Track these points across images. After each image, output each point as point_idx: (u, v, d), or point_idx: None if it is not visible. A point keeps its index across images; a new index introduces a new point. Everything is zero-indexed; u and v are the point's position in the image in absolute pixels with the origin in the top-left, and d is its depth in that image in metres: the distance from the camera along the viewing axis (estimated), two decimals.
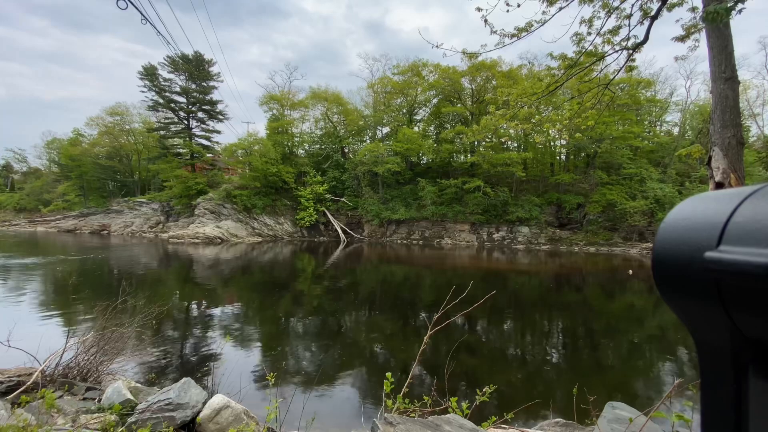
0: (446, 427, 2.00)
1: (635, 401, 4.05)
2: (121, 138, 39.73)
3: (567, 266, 16.85)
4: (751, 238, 0.23)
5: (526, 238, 25.25)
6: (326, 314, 8.22)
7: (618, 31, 5.32)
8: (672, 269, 0.28)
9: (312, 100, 31.59)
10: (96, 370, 2.92)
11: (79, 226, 34.34)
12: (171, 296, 9.33)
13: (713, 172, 3.85)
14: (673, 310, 0.30)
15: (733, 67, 3.90)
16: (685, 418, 1.45)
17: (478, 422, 2.43)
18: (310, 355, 5.74)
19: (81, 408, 2.25)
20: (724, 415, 0.27)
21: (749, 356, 0.26)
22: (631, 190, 24.43)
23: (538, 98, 6.54)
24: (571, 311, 9.05)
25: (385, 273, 14.62)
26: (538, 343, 6.67)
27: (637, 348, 6.48)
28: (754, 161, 21.70)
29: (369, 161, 26.75)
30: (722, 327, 0.26)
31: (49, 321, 6.60)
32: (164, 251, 20.05)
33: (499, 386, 3.09)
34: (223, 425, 2.28)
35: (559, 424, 2.71)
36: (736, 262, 0.23)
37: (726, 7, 3.29)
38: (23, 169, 52.25)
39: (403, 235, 27.37)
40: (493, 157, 25.80)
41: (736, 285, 0.23)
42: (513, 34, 5.42)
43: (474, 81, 29.50)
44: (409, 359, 5.31)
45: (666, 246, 0.29)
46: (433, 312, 3.02)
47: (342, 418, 3.70)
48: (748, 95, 26.14)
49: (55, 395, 2.17)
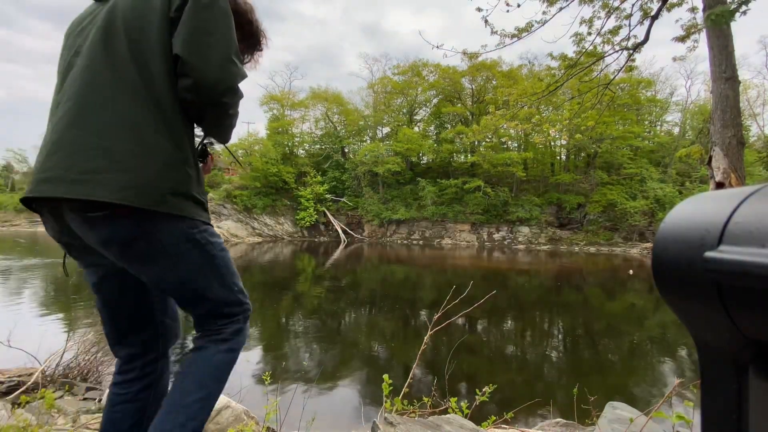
0: (446, 427, 2.00)
1: (636, 401, 4.05)
2: None
3: (567, 266, 16.84)
4: (752, 238, 0.23)
5: (527, 238, 25.24)
6: (326, 314, 8.22)
7: (618, 31, 5.32)
8: (672, 269, 0.28)
9: (312, 100, 31.59)
10: (96, 370, 2.92)
11: None
12: None
13: (713, 172, 3.85)
14: (673, 310, 0.30)
15: (734, 66, 3.89)
16: (686, 419, 1.45)
17: (479, 422, 2.42)
18: (311, 355, 5.74)
19: (81, 408, 2.25)
20: (725, 416, 0.27)
21: (749, 357, 0.26)
22: (631, 190, 24.41)
23: (538, 98, 6.54)
24: (572, 311, 9.05)
25: (385, 273, 14.62)
26: (538, 343, 6.67)
27: (638, 348, 6.48)
28: (754, 161, 21.70)
29: (369, 161, 26.74)
30: (722, 327, 0.26)
31: (50, 321, 6.60)
32: None
33: (499, 386, 3.09)
34: (224, 425, 2.28)
35: (559, 424, 2.71)
36: (737, 262, 0.23)
37: (730, 10, 3.28)
38: (24, 169, 52.24)
39: (404, 235, 27.37)
40: (493, 157, 25.79)
41: (737, 285, 0.23)
42: (513, 35, 5.42)
43: (474, 81, 29.48)
44: (410, 359, 5.31)
45: (666, 246, 0.29)
46: (433, 312, 3.02)
47: (342, 418, 3.70)
48: (748, 95, 26.12)
49: (55, 395, 2.17)
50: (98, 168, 0.83)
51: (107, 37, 0.91)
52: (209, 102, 0.93)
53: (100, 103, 0.87)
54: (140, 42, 0.91)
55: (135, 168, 0.85)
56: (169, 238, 0.90)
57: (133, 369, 1.07)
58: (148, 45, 0.91)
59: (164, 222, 0.89)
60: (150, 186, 0.85)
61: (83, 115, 0.87)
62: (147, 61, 0.90)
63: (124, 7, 0.93)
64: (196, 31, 0.91)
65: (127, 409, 1.05)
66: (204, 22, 0.93)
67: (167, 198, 0.87)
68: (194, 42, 0.90)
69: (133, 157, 0.85)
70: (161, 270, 0.94)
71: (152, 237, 0.88)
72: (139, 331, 1.08)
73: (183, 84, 0.92)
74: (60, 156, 0.85)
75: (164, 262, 0.92)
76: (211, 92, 0.92)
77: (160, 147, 0.88)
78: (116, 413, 1.05)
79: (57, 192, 0.83)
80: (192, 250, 0.94)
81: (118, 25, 0.92)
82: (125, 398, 1.05)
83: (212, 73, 0.91)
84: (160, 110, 0.90)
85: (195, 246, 0.94)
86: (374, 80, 32.65)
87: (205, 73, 0.90)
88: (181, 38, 0.90)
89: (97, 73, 0.89)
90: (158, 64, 0.91)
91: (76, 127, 0.86)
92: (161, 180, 0.87)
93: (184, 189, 0.91)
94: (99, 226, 0.85)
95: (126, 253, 0.89)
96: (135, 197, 0.83)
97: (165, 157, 0.88)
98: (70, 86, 0.91)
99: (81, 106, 0.87)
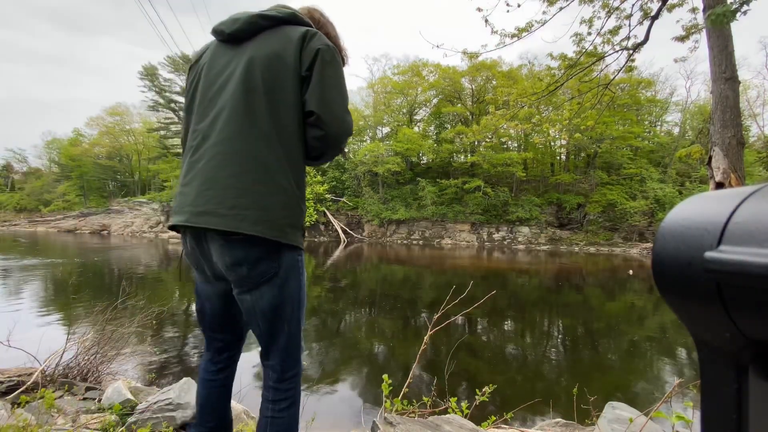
0: (446, 427, 2.00)
1: (635, 401, 4.05)
2: (122, 138, 39.74)
3: (567, 266, 16.85)
4: (752, 238, 0.23)
5: (526, 238, 25.25)
6: (326, 314, 8.23)
7: (618, 31, 5.33)
8: (672, 269, 0.28)
9: None
10: (96, 370, 2.91)
11: (79, 226, 34.35)
12: (171, 296, 9.33)
13: (713, 172, 3.85)
14: (673, 310, 0.30)
15: (734, 67, 3.89)
16: (686, 419, 1.45)
17: (478, 422, 2.42)
18: (311, 354, 5.74)
19: (81, 408, 2.25)
20: (725, 416, 0.27)
21: (750, 357, 0.26)
22: (631, 190, 24.42)
23: (538, 98, 6.54)
24: (572, 311, 9.05)
25: (385, 273, 14.63)
26: (538, 343, 6.67)
27: (638, 348, 6.48)
28: (754, 161, 21.69)
29: (369, 161, 26.74)
30: (722, 327, 0.26)
31: (49, 321, 6.60)
32: (164, 251, 20.07)
33: (499, 386, 3.10)
34: None
35: (559, 424, 2.71)
36: (737, 262, 0.23)
37: (731, 10, 3.28)
38: (23, 169, 52.25)
39: (403, 235, 27.37)
40: (493, 157, 25.80)
41: (737, 285, 0.23)
42: (513, 35, 5.42)
43: (474, 81, 29.49)
44: (409, 359, 5.31)
45: (666, 246, 0.29)
46: (433, 312, 3.02)
47: (342, 418, 3.70)
48: (748, 95, 26.13)
49: (55, 395, 2.17)
50: (241, 205, 1.03)
51: (248, 93, 1.09)
52: (333, 147, 1.15)
53: (244, 151, 1.06)
54: (276, 98, 1.09)
55: (267, 206, 1.05)
56: (286, 261, 1.12)
57: (221, 360, 1.33)
58: (284, 101, 1.10)
59: (285, 249, 1.10)
60: (276, 221, 1.06)
61: (230, 160, 1.06)
62: (281, 114, 1.09)
63: (261, 65, 1.10)
64: (327, 89, 1.10)
65: (219, 392, 1.32)
66: (329, 78, 1.11)
67: (286, 230, 1.08)
68: (325, 100, 1.10)
69: (265, 197, 1.05)
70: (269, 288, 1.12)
71: (274, 260, 1.10)
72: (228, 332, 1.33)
73: (314, 134, 1.12)
74: (211, 193, 1.05)
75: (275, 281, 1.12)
76: (335, 140, 1.13)
77: (284, 188, 1.08)
78: (213, 394, 1.32)
79: (210, 224, 1.04)
80: (294, 274, 1.16)
81: (257, 83, 1.09)
82: (217, 384, 1.32)
83: (337, 126, 1.11)
84: (288, 156, 1.09)
85: (297, 272, 1.17)
86: (374, 80, 32.68)
87: (332, 126, 1.11)
88: (316, 97, 1.09)
89: (240, 124, 1.07)
90: (291, 116, 1.10)
91: (224, 171, 1.05)
92: (283, 216, 1.08)
93: (297, 222, 1.12)
94: (236, 249, 1.06)
95: (251, 272, 1.08)
96: (266, 230, 1.04)
97: (288, 196, 1.09)
98: (218, 132, 1.09)
99: (229, 153, 1.06)
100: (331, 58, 1.11)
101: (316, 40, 1.12)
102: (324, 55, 1.10)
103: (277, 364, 1.21)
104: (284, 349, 1.21)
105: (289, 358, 1.23)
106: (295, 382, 1.25)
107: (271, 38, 1.13)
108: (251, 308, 1.16)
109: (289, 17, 1.17)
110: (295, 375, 1.25)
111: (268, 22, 1.15)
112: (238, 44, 1.16)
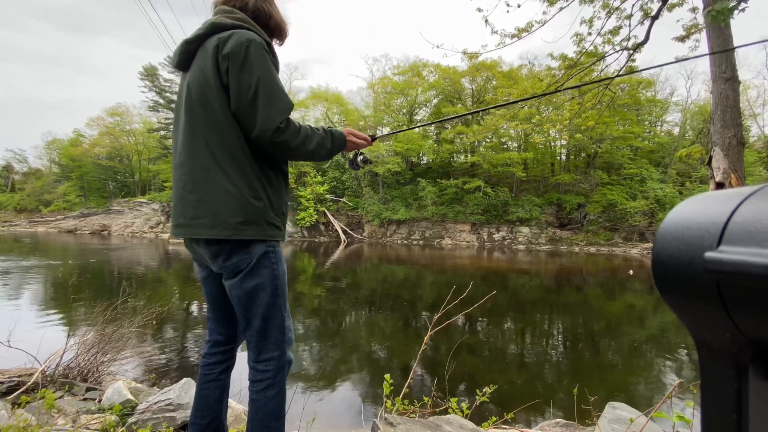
0: (447, 427, 2.00)
1: (636, 401, 4.05)
2: (122, 138, 39.72)
3: (567, 266, 16.84)
4: (752, 238, 0.23)
5: (527, 239, 25.23)
6: (326, 314, 8.22)
7: (618, 31, 5.32)
8: (672, 269, 0.28)
9: (312, 100, 31.59)
10: (96, 370, 2.91)
11: (79, 227, 34.34)
12: (171, 296, 9.33)
13: (713, 172, 3.85)
14: (673, 310, 0.30)
15: (734, 67, 3.89)
16: (686, 419, 1.45)
17: (479, 422, 2.42)
18: (310, 355, 5.74)
19: (81, 408, 2.25)
20: (725, 416, 0.27)
21: (749, 357, 0.26)
22: (631, 190, 24.40)
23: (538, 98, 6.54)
24: (572, 311, 9.05)
25: (385, 273, 14.62)
26: (538, 343, 6.67)
27: (638, 348, 6.48)
28: (754, 161, 21.69)
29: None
30: (722, 327, 0.26)
31: (50, 321, 6.60)
32: (164, 251, 20.07)
33: (499, 386, 3.09)
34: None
35: (559, 425, 2.71)
36: (737, 262, 0.23)
37: (729, 7, 3.28)
38: (24, 169, 52.21)
39: (404, 235, 27.37)
40: (493, 157, 25.79)
41: (737, 285, 0.23)
42: (513, 35, 5.42)
43: (474, 81, 29.48)
44: (410, 359, 5.31)
45: (666, 246, 0.29)
46: (434, 312, 3.02)
47: (342, 418, 3.70)
48: (748, 95, 26.12)
49: (55, 395, 2.17)
50: (199, 214, 1.20)
51: (191, 114, 1.22)
52: (270, 145, 1.19)
53: (195, 168, 1.21)
54: (209, 113, 1.19)
55: (216, 212, 1.19)
56: (257, 253, 1.23)
57: (217, 353, 1.41)
58: (215, 115, 1.18)
59: (255, 242, 1.23)
60: (227, 221, 1.18)
61: (188, 178, 1.22)
62: (220, 126, 1.18)
63: (194, 86, 1.21)
64: (242, 93, 1.15)
65: (213, 387, 1.38)
66: (243, 81, 1.14)
67: (240, 228, 1.19)
68: (244, 104, 1.15)
69: (214, 204, 1.19)
70: (243, 277, 1.24)
71: (245, 252, 1.23)
72: (226, 325, 1.42)
73: (251, 137, 1.19)
74: (181, 209, 1.25)
75: (248, 270, 1.24)
76: (269, 138, 1.17)
77: (230, 192, 1.18)
78: (205, 390, 1.38)
79: (185, 234, 1.26)
80: (266, 263, 1.26)
81: (195, 105, 1.21)
82: (211, 378, 1.39)
83: (260, 124, 1.15)
84: (235, 163, 1.19)
85: (269, 261, 1.26)
86: (374, 80, 32.67)
87: (258, 128, 1.15)
88: (236, 104, 1.17)
89: (191, 143, 1.21)
90: (229, 126, 1.18)
91: (186, 188, 1.23)
92: (234, 216, 1.19)
93: (253, 218, 1.21)
94: (211, 247, 1.23)
95: (226, 262, 1.23)
96: (220, 231, 1.19)
97: (235, 198, 1.19)
98: (179, 154, 1.26)
99: (187, 173, 1.22)
100: (243, 58, 1.14)
101: (228, 44, 1.15)
102: (234, 59, 1.14)
103: (254, 345, 1.29)
104: (259, 332, 1.28)
105: (266, 340, 1.28)
106: (273, 366, 1.28)
107: (199, 58, 1.22)
108: (231, 294, 1.28)
109: (208, 30, 1.22)
110: (272, 359, 1.28)
111: (195, 44, 1.24)
112: (186, 70, 1.28)
